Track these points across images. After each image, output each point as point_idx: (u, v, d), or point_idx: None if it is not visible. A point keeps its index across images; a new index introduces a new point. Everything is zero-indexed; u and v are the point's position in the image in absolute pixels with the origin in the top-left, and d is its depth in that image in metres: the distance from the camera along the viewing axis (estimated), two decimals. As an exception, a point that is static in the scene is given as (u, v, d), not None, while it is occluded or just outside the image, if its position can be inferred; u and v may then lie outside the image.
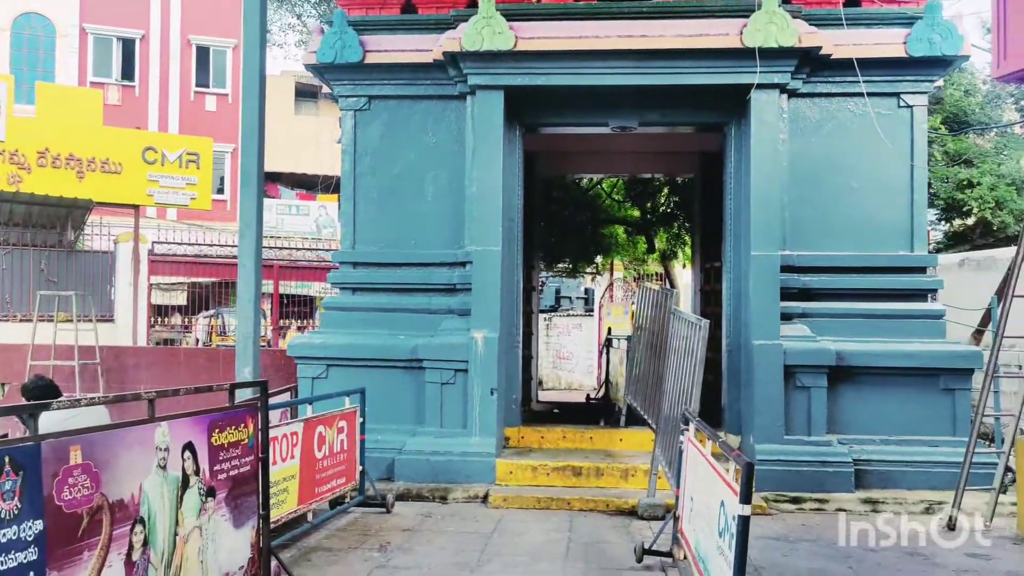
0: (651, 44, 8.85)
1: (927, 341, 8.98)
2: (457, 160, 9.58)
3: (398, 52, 9.49)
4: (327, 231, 30.06)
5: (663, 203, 17.37)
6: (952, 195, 22.62)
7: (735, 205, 9.60)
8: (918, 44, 8.92)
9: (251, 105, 7.67)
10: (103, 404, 5.00)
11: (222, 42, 30.36)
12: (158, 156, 16.13)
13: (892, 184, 9.21)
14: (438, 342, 9.18)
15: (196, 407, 4.78)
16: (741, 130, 9.41)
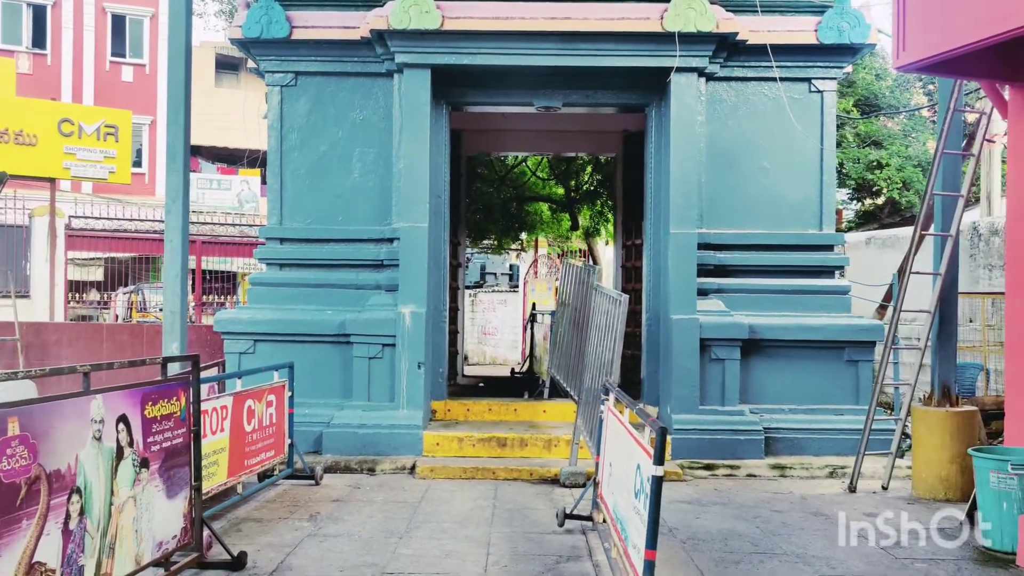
0: (575, 26, 9.08)
1: (833, 315, 9.47)
2: (384, 137, 9.68)
3: (325, 28, 9.51)
4: (249, 206, 29.65)
5: (587, 181, 17.71)
6: (863, 175, 23.48)
7: (655, 184, 9.93)
8: (828, 32, 9.34)
9: (176, 78, 7.63)
10: (34, 378, 5.04)
11: (139, 10, 29.54)
12: (75, 128, 15.73)
13: (803, 166, 9.64)
14: (366, 317, 9.31)
15: (127, 381, 4.86)
16: (661, 111, 9.72)
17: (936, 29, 6.21)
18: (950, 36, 6.04)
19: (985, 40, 5.67)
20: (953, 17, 6.07)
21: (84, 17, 28.64)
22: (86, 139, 15.84)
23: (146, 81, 29.71)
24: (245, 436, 7.12)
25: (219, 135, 31.10)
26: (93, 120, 16.03)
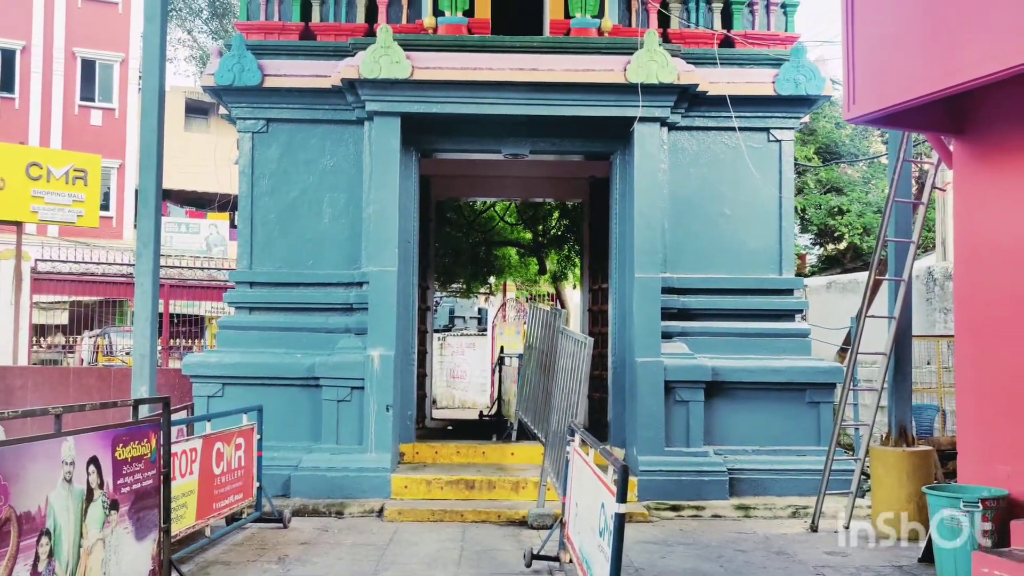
0: (542, 77, 9.34)
1: (795, 358, 9.69)
2: (355, 183, 9.84)
3: (297, 77, 9.70)
4: (218, 249, 29.60)
5: (554, 226, 17.95)
6: (825, 221, 24.01)
7: (620, 229, 10.15)
8: (785, 84, 9.69)
9: (149, 126, 7.77)
10: (4, 420, 5.08)
11: (109, 56, 29.63)
12: (43, 172, 15.71)
13: (763, 212, 9.92)
14: (335, 360, 9.38)
15: (97, 423, 4.92)
16: (626, 159, 9.98)
17: (883, 84, 6.51)
18: (896, 91, 6.33)
19: (929, 95, 5.96)
20: (899, 73, 6.37)
21: (54, 62, 28.66)
22: (55, 183, 15.82)
23: (115, 125, 29.72)
24: (214, 479, 7.14)
25: (188, 179, 31.14)
26: (62, 164, 16.02)
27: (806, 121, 10.90)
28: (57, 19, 28.93)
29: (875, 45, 6.60)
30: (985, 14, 5.56)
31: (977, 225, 6.64)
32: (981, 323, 6.56)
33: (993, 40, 5.49)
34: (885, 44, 6.49)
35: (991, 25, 5.51)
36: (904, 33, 6.31)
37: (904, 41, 6.30)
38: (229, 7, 30.15)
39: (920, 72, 6.15)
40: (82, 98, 29.26)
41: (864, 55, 6.65)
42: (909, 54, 6.28)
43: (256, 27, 10.05)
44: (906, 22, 6.34)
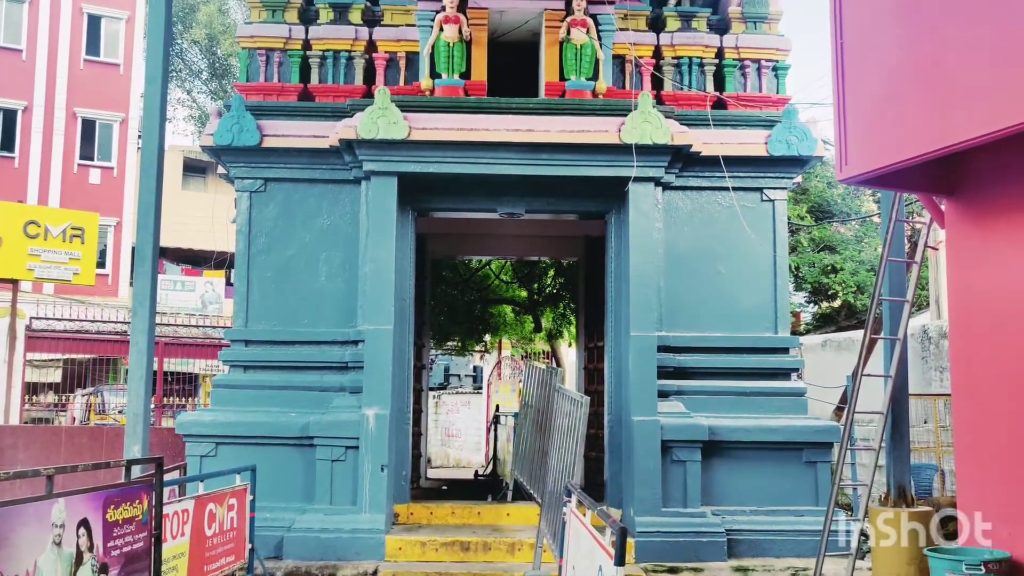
0: (537, 138, 9.46)
1: (791, 417, 9.65)
2: (351, 242, 9.89)
3: (295, 137, 9.81)
4: (213, 307, 29.60)
5: (549, 284, 18.02)
6: (818, 279, 24.12)
7: (616, 288, 10.19)
8: (778, 145, 9.82)
9: (148, 187, 7.81)
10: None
11: (109, 115, 29.95)
12: (40, 230, 15.78)
13: (757, 271, 9.98)
14: (329, 419, 9.32)
15: (88, 484, 4.87)
16: (621, 218, 10.06)
17: (873, 146, 6.60)
18: (886, 153, 6.41)
19: (919, 157, 6.04)
20: (889, 135, 6.46)
21: (55, 122, 28.95)
22: (52, 241, 15.87)
23: (113, 183, 29.92)
24: (206, 540, 7.04)
25: (185, 237, 31.25)
26: (60, 222, 16.10)
27: (799, 181, 11.02)
28: (59, 80, 29.30)
29: (865, 107, 6.71)
30: (973, 76, 5.67)
31: (971, 285, 6.67)
32: (978, 382, 6.56)
33: (981, 102, 5.58)
34: (875, 106, 6.59)
35: (979, 87, 5.61)
36: (894, 96, 6.42)
37: (894, 103, 6.41)
38: (229, 68, 30.64)
39: (910, 134, 6.24)
40: (81, 157, 29.49)
41: (855, 117, 6.76)
42: (899, 116, 6.38)
43: (255, 88, 10.19)
44: (895, 85, 6.45)
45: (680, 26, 10.43)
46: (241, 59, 10.42)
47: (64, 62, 29.40)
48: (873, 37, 6.77)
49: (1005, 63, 5.57)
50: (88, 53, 29.79)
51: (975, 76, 5.77)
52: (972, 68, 5.81)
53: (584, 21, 9.93)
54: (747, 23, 10.43)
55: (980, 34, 5.76)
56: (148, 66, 8.31)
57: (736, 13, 10.43)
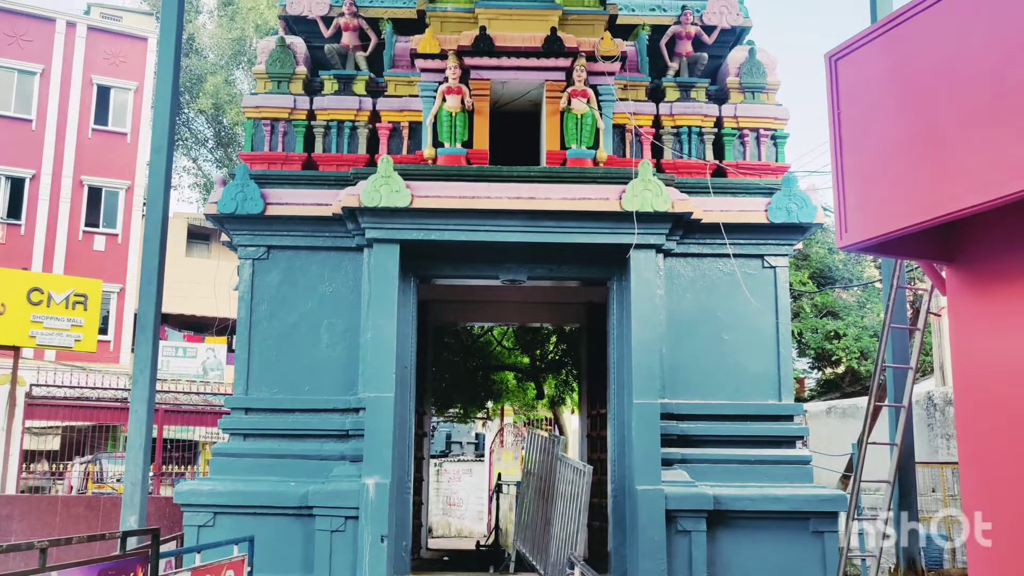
0: (539, 205, 9.53)
1: (797, 486, 9.53)
2: (353, 309, 9.90)
3: (299, 205, 9.90)
4: (214, 374, 29.51)
5: (552, 351, 17.98)
6: (822, 345, 24.04)
7: (618, 354, 10.15)
8: (778, 212, 9.89)
9: (151, 260, 7.87)
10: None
11: (116, 183, 30.28)
12: (44, 297, 15.81)
13: (760, 337, 9.95)
14: (329, 489, 9.21)
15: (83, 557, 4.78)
16: (622, 285, 10.08)
17: (873, 213, 6.62)
18: (886, 220, 6.43)
19: (918, 224, 6.05)
20: (888, 203, 6.50)
21: (61, 189, 29.26)
22: (55, 308, 15.88)
23: (118, 250, 30.10)
24: (200, 615, 6.88)
25: (188, 303, 31.28)
26: (63, 289, 16.14)
27: (800, 248, 11.06)
28: (68, 148, 29.69)
29: (864, 175, 6.76)
30: (969, 145, 5.72)
31: (974, 352, 6.63)
32: (985, 451, 6.47)
33: (978, 170, 5.62)
34: (873, 174, 6.64)
35: (976, 155, 5.65)
36: (891, 164, 6.47)
37: (892, 171, 6.46)
38: (234, 137, 31.08)
39: (908, 202, 6.27)
40: (87, 224, 29.72)
41: (853, 185, 6.81)
42: (897, 184, 6.42)
43: (260, 157, 10.31)
44: (893, 153, 6.51)
45: (679, 96, 10.59)
46: (246, 129, 10.57)
47: (73, 131, 29.82)
48: (870, 106, 6.86)
49: (1001, 131, 5.63)
50: (96, 122, 30.24)
51: (971, 144, 5.82)
52: (968, 136, 5.86)
53: (585, 91, 10.08)
54: (745, 93, 10.59)
55: (975, 102, 5.83)
56: (154, 136, 8.45)
57: (734, 83, 10.59)
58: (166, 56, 9.08)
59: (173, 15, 9.24)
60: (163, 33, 9.24)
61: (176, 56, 9.17)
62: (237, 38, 31.29)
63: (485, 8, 10.46)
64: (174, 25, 9.23)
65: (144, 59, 31.14)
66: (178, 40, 9.36)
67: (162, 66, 9.16)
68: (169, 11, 9.31)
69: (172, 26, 9.24)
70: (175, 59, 9.29)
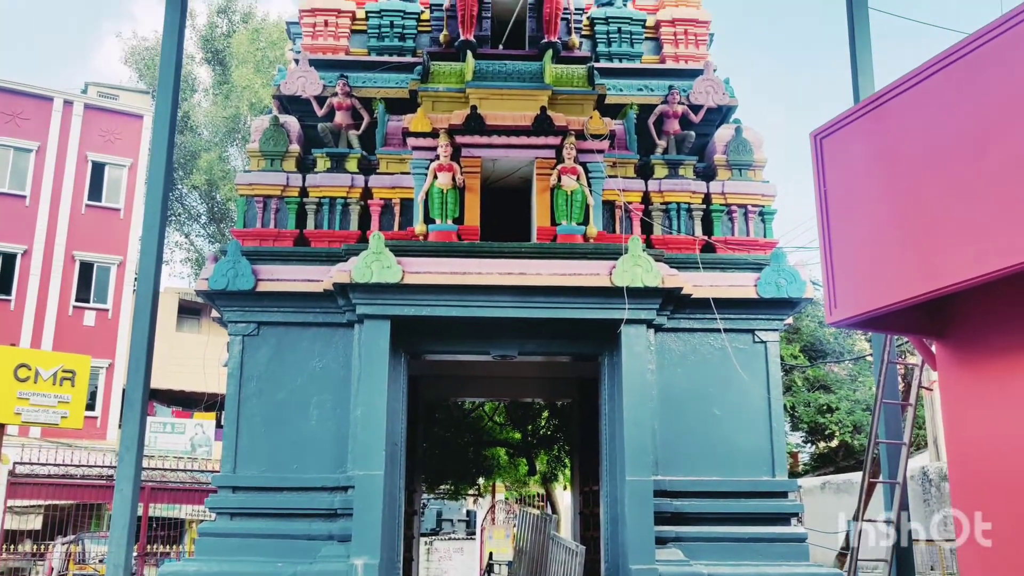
0: (530, 281, 9.56)
1: (792, 564, 9.36)
2: (343, 385, 9.83)
3: (290, 281, 9.90)
4: (202, 450, 29.18)
5: (543, 426, 17.84)
6: (814, 419, 23.97)
7: (610, 430, 10.08)
8: (767, 287, 9.94)
9: (140, 330, 7.84)
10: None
11: (107, 258, 30.36)
12: (31, 373, 15.70)
13: (752, 413, 9.89)
14: (317, 569, 9.01)
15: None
16: (614, 360, 10.05)
17: (861, 289, 6.67)
18: (874, 296, 6.48)
19: (906, 300, 6.10)
20: (876, 279, 6.55)
21: (53, 264, 29.30)
22: (42, 384, 15.77)
23: (108, 325, 30.02)
24: None
25: (177, 379, 31.10)
26: (51, 365, 16.04)
27: (790, 322, 11.09)
28: (60, 224, 29.84)
29: (851, 252, 6.82)
30: (955, 221, 5.80)
31: (967, 427, 6.62)
32: (983, 527, 6.40)
33: (964, 247, 5.68)
34: (861, 251, 6.71)
35: (963, 232, 5.73)
36: (879, 240, 6.54)
37: (879, 247, 6.53)
38: (227, 212, 31.34)
39: (896, 278, 6.32)
40: (77, 299, 29.71)
41: (841, 261, 6.86)
42: (884, 261, 6.48)
43: (252, 234, 10.36)
44: (880, 229, 6.58)
45: (667, 173, 10.74)
46: (239, 206, 10.64)
47: (66, 207, 30.02)
48: (855, 183, 6.96)
49: (984, 209, 5.71)
50: (90, 198, 30.48)
51: (956, 221, 5.89)
52: (953, 213, 5.93)
53: (575, 168, 10.22)
54: (732, 170, 10.75)
55: (959, 180, 5.92)
56: (147, 214, 8.51)
57: (722, 161, 10.76)
58: (160, 133, 9.18)
59: (169, 92, 9.38)
60: (158, 109, 9.37)
61: (171, 133, 9.30)
62: (232, 116, 31.80)
63: (476, 88, 10.65)
64: (169, 101, 9.35)
65: (139, 136, 31.55)
66: (173, 115, 9.50)
67: (156, 143, 9.26)
68: (165, 88, 9.46)
69: (168, 101, 9.36)
70: (169, 136, 9.41)
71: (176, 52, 8.98)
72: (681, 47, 11.69)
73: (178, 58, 9.67)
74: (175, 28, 9.49)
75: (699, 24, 11.74)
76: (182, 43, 9.00)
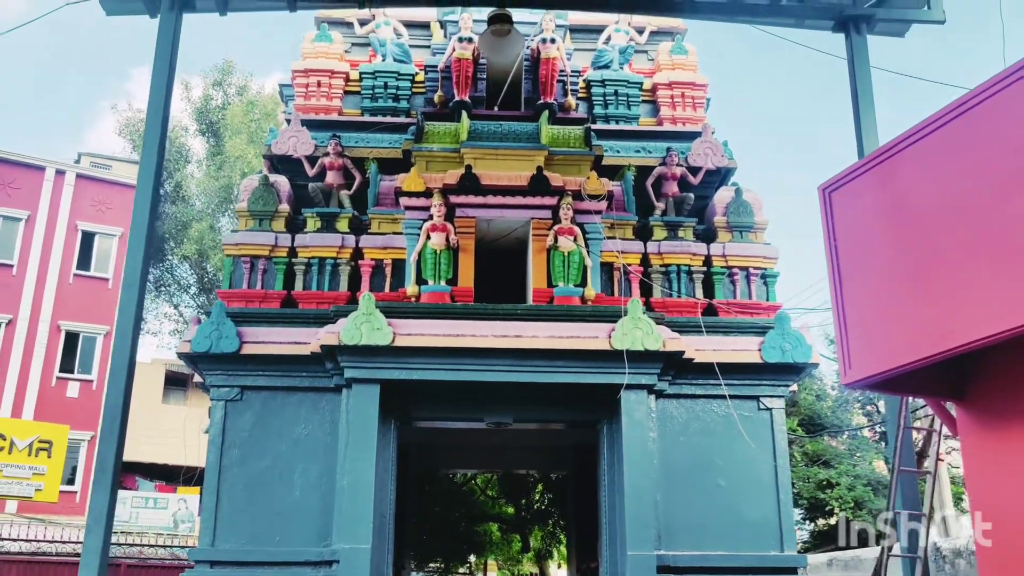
0: (525, 344, 9.19)
1: (805, 646, 8.82)
2: (329, 453, 9.36)
3: (276, 344, 9.51)
4: (185, 526, 28.18)
5: (538, 500, 17.29)
6: (814, 495, 23.40)
7: (610, 501, 9.60)
8: (772, 351, 9.58)
9: (115, 393, 7.42)
10: None
11: (93, 328, 29.85)
12: (6, 444, 15.19)
13: (758, 483, 9.44)
14: (298, 652, 8.43)
15: None
16: (613, 428, 9.62)
17: (877, 349, 6.33)
18: (890, 356, 6.13)
19: (924, 360, 5.75)
20: (892, 338, 6.21)
21: (37, 335, 28.77)
22: (16, 455, 15.24)
23: (91, 396, 29.31)
24: None
25: (161, 452, 30.27)
26: (27, 435, 15.54)
27: (795, 389, 10.72)
28: (47, 294, 29.39)
29: (866, 308, 6.49)
30: (978, 274, 5.49)
31: (996, 496, 6.20)
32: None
33: (989, 300, 5.37)
34: (876, 307, 6.38)
35: (986, 285, 5.41)
36: (894, 296, 6.22)
37: (894, 304, 6.20)
38: (217, 282, 30.96)
39: (913, 336, 5.98)
40: (61, 369, 29.10)
41: (855, 319, 6.53)
42: (900, 318, 6.14)
43: (238, 295, 10.01)
44: (895, 284, 6.26)
45: (667, 235, 10.48)
46: (225, 266, 10.31)
47: (54, 276, 29.63)
48: (866, 237, 6.66)
49: (1002, 263, 5.42)
50: (79, 267, 30.12)
51: (977, 274, 5.57)
52: (973, 266, 5.62)
53: (572, 229, 9.96)
54: (733, 232, 10.50)
55: (974, 234, 5.63)
56: (127, 271, 8.18)
57: (722, 223, 10.52)
58: (142, 200, 8.81)
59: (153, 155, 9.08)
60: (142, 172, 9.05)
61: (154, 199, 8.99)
62: (224, 186, 31.73)
63: (471, 148, 10.45)
64: (153, 166, 9.03)
65: (130, 206, 31.32)
66: (157, 177, 9.23)
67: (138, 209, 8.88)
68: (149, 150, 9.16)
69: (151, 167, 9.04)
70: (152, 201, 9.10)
71: (163, 110, 8.70)
72: (679, 110, 11.56)
73: (165, 114, 9.33)
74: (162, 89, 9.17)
75: (696, 87, 11.63)
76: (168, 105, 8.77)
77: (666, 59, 11.82)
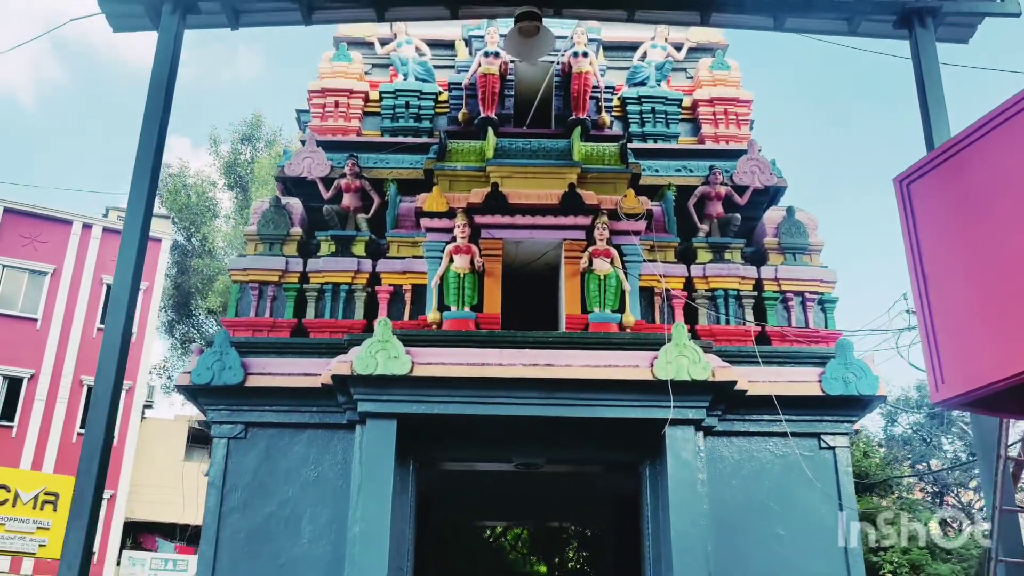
0: (558, 373, 8.24)
1: None
2: (341, 496, 8.42)
3: (284, 376, 8.65)
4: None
5: (572, 558, 16.11)
6: (866, 558, 21.91)
7: (654, 554, 8.51)
8: (833, 383, 8.56)
9: (97, 421, 6.58)
10: None
11: (116, 383, 29.24)
12: (10, 496, 14.37)
13: (823, 533, 8.33)
14: None
15: None
16: (656, 470, 8.59)
17: (971, 363, 5.34)
18: (987, 369, 5.14)
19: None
20: (993, 347, 5.22)
21: (59, 389, 28.18)
22: (21, 508, 14.44)
23: (113, 453, 28.48)
24: None
25: (182, 511, 29.31)
26: (32, 487, 14.75)
27: (859, 427, 9.64)
28: (70, 348, 28.89)
29: (956, 314, 5.53)
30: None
31: None
32: None
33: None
34: (973, 313, 5.41)
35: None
36: (996, 299, 5.25)
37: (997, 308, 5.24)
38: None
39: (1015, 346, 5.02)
40: (82, 426, 28.41)
41: (945, 327, 5.55)
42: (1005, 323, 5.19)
43: (244, 323, 9.23)
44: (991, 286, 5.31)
45: (712, 257, 9.57)
46: (232, 293, 9.55)
47: (77, 331, 29.18)
48: (955, 234, 5.71)
49: None
50: (103, 322, 29.57)
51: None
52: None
53: (608, 251, 9.09)
54: (785, 254, 9.57)
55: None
56: (112, 299, 7.42)
57: (772, 244, 9.60)
58: (129, 241, 7.98)
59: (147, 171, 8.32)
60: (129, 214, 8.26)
61: (148, 206, 8.20)
62: (250, 238, 31.30)
63: (498, 166, 9.68)
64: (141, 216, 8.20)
65: (156, 260, 30.99)
66: (148, 210, 8.48)
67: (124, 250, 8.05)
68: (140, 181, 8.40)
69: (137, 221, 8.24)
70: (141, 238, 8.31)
71: (160, 117, 7.96)
72: (721, 127, 10.74)
73: (160, 142, 8.43)
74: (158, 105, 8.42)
75: (740, 103, 10.82)
76: (167, 121, 8.05)
77: (707, 75, 11.04)
